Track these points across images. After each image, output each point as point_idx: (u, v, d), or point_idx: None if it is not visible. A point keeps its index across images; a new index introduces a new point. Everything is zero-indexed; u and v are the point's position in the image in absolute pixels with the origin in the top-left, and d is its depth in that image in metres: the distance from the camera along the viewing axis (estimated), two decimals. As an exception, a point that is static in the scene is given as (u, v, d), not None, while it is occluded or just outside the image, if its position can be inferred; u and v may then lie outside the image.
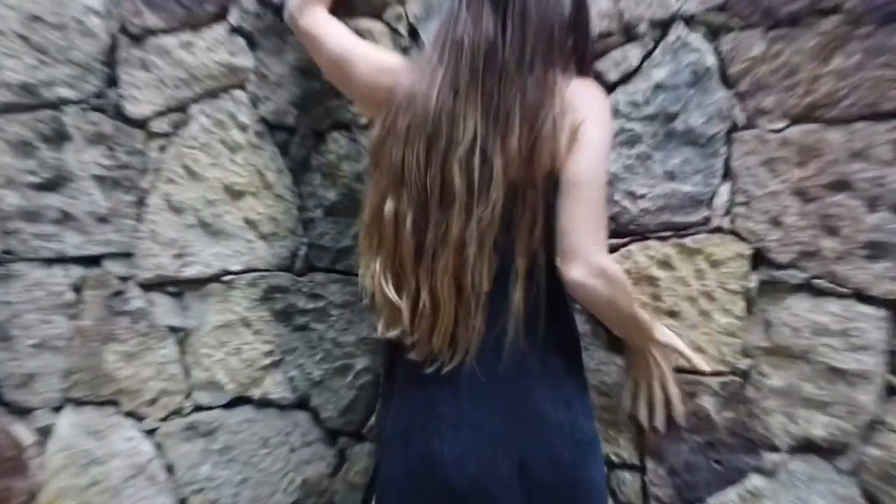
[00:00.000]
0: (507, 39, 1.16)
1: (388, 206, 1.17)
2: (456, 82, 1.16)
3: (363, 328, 1.67)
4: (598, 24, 1.53)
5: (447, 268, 1.14)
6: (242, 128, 1.69)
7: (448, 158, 1.14)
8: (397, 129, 1.18)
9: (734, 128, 1.52)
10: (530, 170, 1.16)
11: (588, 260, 1.13)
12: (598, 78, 1.53)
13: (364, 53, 1.34)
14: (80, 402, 1.75)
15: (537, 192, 1.17)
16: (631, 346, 1.43)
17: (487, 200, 1.13)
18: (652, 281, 1.54)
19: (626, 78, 1.55)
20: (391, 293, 1.18)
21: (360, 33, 1.51)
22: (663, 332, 1.39)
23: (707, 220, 1.54)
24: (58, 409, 1.77)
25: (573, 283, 1.15)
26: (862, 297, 1.45)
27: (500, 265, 1.17)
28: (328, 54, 1.39)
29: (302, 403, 1.69)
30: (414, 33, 1.63)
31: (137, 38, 1.70)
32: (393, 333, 1.22)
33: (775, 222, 1.50)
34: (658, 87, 1.53)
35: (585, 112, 1.19)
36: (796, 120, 1.49)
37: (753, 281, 1.51)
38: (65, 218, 1.75)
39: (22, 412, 1.77)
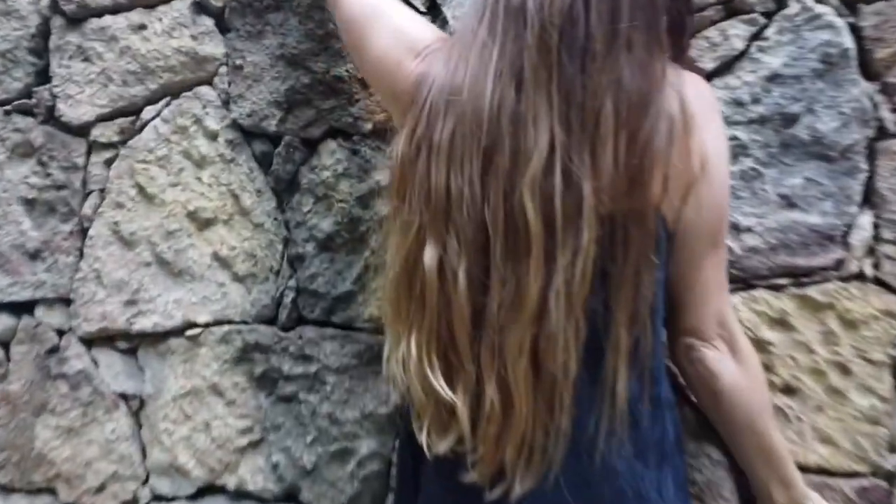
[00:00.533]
0: (591, 2, 0.77)
1: (429, 254, 0.83)
2: (519, 69, 0.79)
3: (369, 400, 1.28)
4: (687, -7, 1.11)
5: (522, 346, 0.79)
6: (211, 136, 1.32)
7: (515, 182, 0.79)
8: (435, 141, 0.84)
9: (881, 135, 1.13)
10: (635, 198, 0.79)
11: (730, 340, 0.94)
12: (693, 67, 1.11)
13: (390, 15, 0.98)
14: (6, 490, 1.38)
15: (647, 232, 0.80)
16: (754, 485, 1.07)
17: (577, 243, 0.78)
18: (762, 346, 1.15)
19: (726, 66, 1.17)
20: (440, 385, 0.83)
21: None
22: (808, 495, 1.04)
23: (840, 264, 1.14)
24: (-19, 496, 1.41)
25: (706, 371, 0.94)
26: None
27: (588, 340, 0.81)
28: (345, 7, 1.02)
29: (289, 496, 1.34)
30: (434, 5, 1.22)
31: (75, 20, 1.33)
32: (445, 445, 0.85)
33: (940, 268, 1.08)
34: (772, 78, 1.14)
35: (705, 124, 0.82)
36: (972, 125, 1.07)
37: (906, 348, 1.09)
38: (-15, 253, 1.37)
39: (-65, 501, 1.41)
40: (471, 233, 0.82)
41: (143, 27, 1.33)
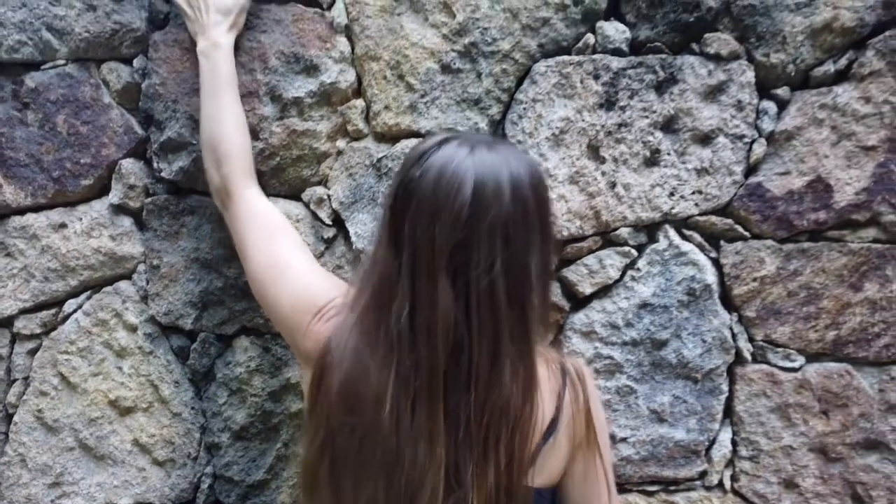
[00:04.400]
0: (473, 335, 0.83)
1: None
2: (410, 386, 0.84)
3: (281, 583, 1.35)
4: (567, 226, 1.21)
5: None
6: (131, 328, 1.37)
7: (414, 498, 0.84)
8: (343, 451, 0.88)
9: (738, 361, 1.22)
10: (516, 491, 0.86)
11: None
12: (568, 288, 1.22)
13: (289, 276, 1.03)
14: None
15: None
16: None
17: None
18: (635, 547, 1.23)
19: (604, 291, 1.24)
20: None
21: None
22: None
23: (704, 475, 1.24)
24: None
25: None
26: (898, 584, 1.15)
27: None
28: (250, 265, 1.08)
29: None
30: (339, 221, 1.30)
31: (-3, 217, 1.35)
32: None
33: (790, 485, 1.21)
34: (644, 306, 1.22)
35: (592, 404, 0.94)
36: (817, 357, 1.19)
37: (762, 554, 1.20)
38: (-88, 436, 1.41)
39: None
40: None
41: (63, 226, 1.37)
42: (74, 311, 1.39)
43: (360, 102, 1.28)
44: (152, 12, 1.32)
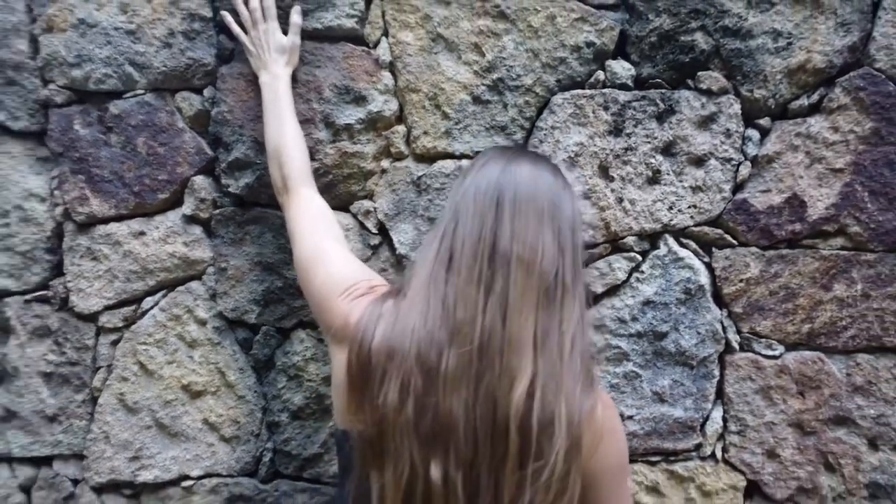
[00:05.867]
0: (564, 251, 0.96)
1: (435, 471, 0.91)
2: (504, 303, 0.92)
3: (333, 542, 1.56)
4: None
5: None
6: (201, 323, 1.57)
7: (499, 402, 0.91)
8: (441, 372, 0.92)
9: (728, 350, 1.42)
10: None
11: None
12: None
13: (324, 261, 1.15)
14: None
15: None
16: None
17: (548, 455, 0.90)
18: (639, 509, 1.44)
19: (611, 291, 1.45)
20: None
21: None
22: None
23: (699, 448, 1.44)
24: None
25: None
26: (862, 539, 1.36)
27: None
28: (297, 252, 1.22)
29: None
30: (383, 230, 1.50)
31: (84, 226, 1.56)
32: None
33: (771, 454, 1.41)
34: (647, 303, 1.42)
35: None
36: (795, 347, 1.40)
37: (747, 514, 1.41)
38: (9, 416, 1.62)
39: None
40: (464, 448, 0.90)
41: (142, 234, 1.58)
42: (152, 307, 1.60)
43: (401, 128, 1.49)
44: (220, 49, 1.52)
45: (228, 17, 1.43)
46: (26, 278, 1.61)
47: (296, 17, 1.41)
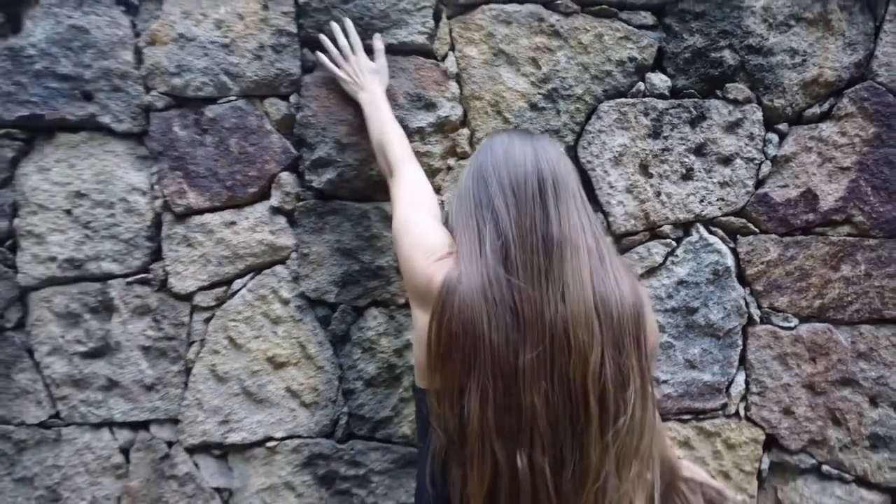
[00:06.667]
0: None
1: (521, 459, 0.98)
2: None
3: (402, 494, 1.77)
4: (624, 224, 1.64)
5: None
6: (284, 302, 1.77)
7: (575, 375, 0.98)
8: (520, 366, 0.97)
9: (750, 323, 1.64)
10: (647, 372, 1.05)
11: None
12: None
13: (413, 231, 1.24)
14: (131, 561, 1.84)
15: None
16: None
17: (625, 413, 0.99)
18: (673, 460, 1.66)
19: (651, 272, 1.66)
20: None
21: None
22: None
23: (724, 407, 1.66)
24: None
25: None
26: (864, 483, 1.59)
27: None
28: (393, 220, 1.33)
29: (344, 563, 1.79)
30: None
31: (181, 217, 1.76)
32: None
33: (787, 412, 1.63)
34: (680, 283, 1.64)
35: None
36: (807, 319, 1.62)
37: (765, 463, 1.63)
38: (112, 385, 1.82)
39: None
40: (548, 433, 0.96)
41: (233, 223, 1.79)
42: (240, 288, 1.80)
43: (466, 131, 1.70)
44: (304, 61, 1.73)
45: (323, 57, 1.64)
46: (128, 262, 1.81)
47: (378, 43, 1.62)
